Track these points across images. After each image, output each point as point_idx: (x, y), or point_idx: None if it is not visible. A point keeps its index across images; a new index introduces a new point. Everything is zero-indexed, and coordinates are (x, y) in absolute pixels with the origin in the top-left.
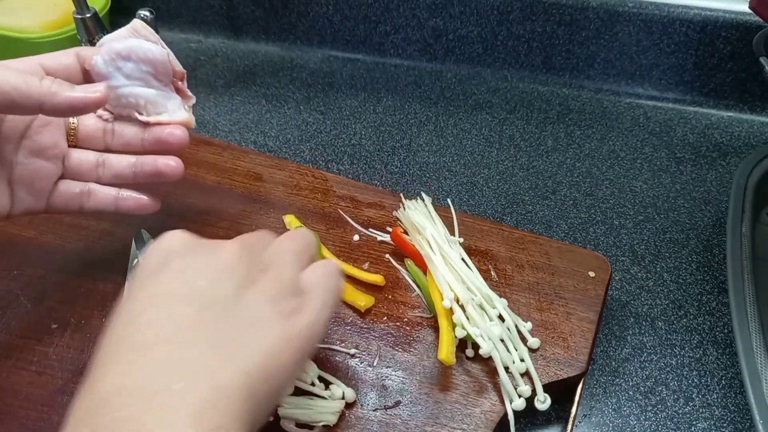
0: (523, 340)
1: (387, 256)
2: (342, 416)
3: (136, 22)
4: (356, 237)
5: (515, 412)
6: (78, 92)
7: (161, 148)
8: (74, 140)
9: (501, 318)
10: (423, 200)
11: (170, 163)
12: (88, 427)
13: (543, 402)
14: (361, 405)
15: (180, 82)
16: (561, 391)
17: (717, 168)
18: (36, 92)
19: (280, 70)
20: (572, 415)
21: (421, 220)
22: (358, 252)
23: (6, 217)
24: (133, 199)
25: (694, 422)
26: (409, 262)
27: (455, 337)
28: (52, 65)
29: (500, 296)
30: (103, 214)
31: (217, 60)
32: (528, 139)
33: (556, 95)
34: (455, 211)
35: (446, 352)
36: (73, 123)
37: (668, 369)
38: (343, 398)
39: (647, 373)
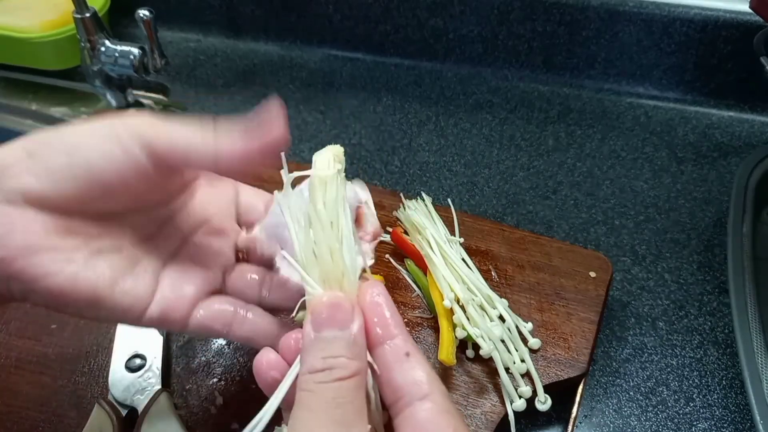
0: (524, 340)
1: (387, 256)
2: None
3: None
4: None
5: (516, 413)
6: (255, 137)
7: None
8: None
9: (501, 318)
10: (423, 200)
11: None
12: None
13: (544, 403)
14: None
15: (368, 243)
16: (562, 392)
17: (718, 168)
18: (210, 141)
19: (280, 69)
20: (573, 415)
21: (421, 220)
22: None
23: (135, 317)
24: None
25: (695, 422)
26: (409, 262)
27: (455, 337)
28: None
29: (501, 297)
30: None
31: (217, 59)
32: (528, 139)
33: (556, 95)
34: (455, 211)
35: (446, 352)
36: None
37: (669, 369)
38: None
39: (648, 373)
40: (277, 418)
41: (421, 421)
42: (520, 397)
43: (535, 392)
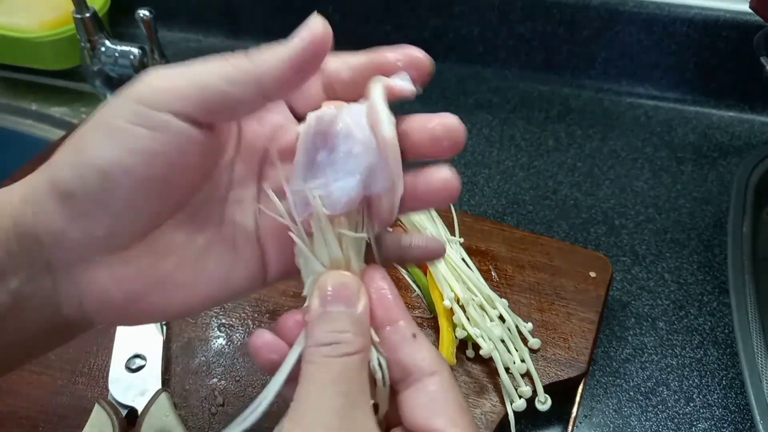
0: (524, 340)
1: None
2: None
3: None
4: None
5: (516, 413)
6: (295, 43)
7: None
8: None
9: (501, 318)
10: None
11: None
12: None
13: (544, 403)
14: None
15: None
16: (562, 392)
17: (718, 168)
18: (250, 69)
19: None
20: (573, 415)
21: (422, 220)
22: None
23: (260, 287)
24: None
25: (695, 422)
26: None
27: (455, 337)
28: None
29: (501, 297)
30: None
31: None
32: (529, 139)
33: (556, 95)
34: (456, 211)
35: (446, 352)
36: None
37: (669, 369)
38: None
39: (648, 373)
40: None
41: (431, 393)
42: (520, 397)
43: (535, 392)
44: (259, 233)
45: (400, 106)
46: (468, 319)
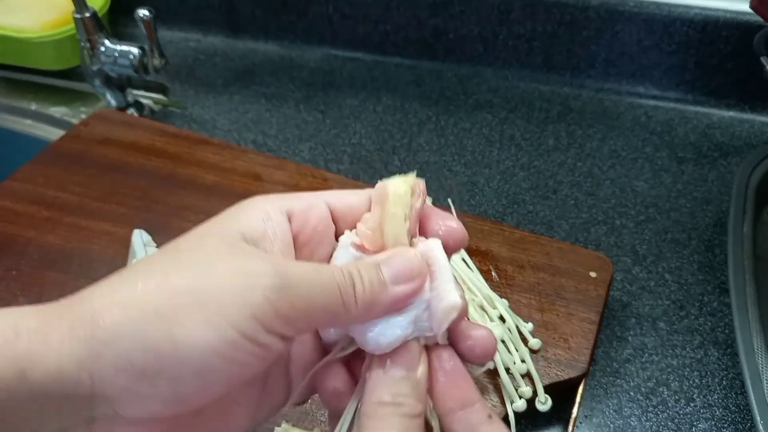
0: (524, 341)
1: None
2: None
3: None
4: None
5: (516, 413)
6: (400, 286)
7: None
8: None
9: (502, 319)
10: None
11: None
12: None
13: (544, 403)
14: None
15: None
16: (562, 392)
17: (718, 168)
18: (351, 310)
19: (280, 69)
20: (573, 416)
21: None
22: None
23: (279, 409)
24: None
25: (695, 423)
26: None
27: None
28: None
29: (501, 297)
30: (102, 213)
31: (217, 59)
32: (529, 139)
33: (557, 95)
34: (456, 211)
35: None
36: None
37: (669, 370)
38: None
39: (648, 373)
40: (277, 418)
41: None
42: (520, 397)
43: (535, 392)
44: (289, 366)
45: None
46: (468, 319)
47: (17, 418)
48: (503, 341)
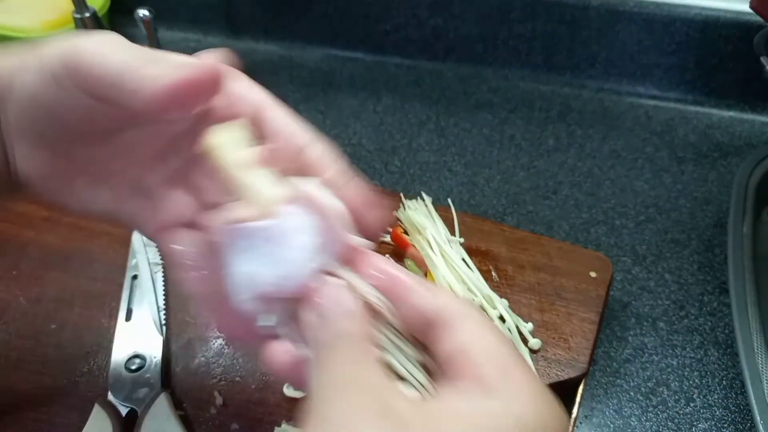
0: (524, 341)
1: (387, 256)
2: None
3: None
4: None
5: None
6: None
7: None
8: None
9: (502, 319)
10: (423, 200)
11: None
12: None
13: None
14: None
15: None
16: (562, 392)
17: (718, 168)
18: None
19: (280, 69)
20: (573, 416)
21: (422, 220)
22: None
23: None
24: None
25: (695, 423)
26: (409, 262)
27: None
28: None
29: (501, 297)
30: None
31: None
32: (529, 139)
33: (557, 95)
34: (456, 211)
35: None
36: None
37: (669, 370)
38: None
39: (648, 373)
40: (277, 418)
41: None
42: None
43: None
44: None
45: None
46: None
47: None
48: None
